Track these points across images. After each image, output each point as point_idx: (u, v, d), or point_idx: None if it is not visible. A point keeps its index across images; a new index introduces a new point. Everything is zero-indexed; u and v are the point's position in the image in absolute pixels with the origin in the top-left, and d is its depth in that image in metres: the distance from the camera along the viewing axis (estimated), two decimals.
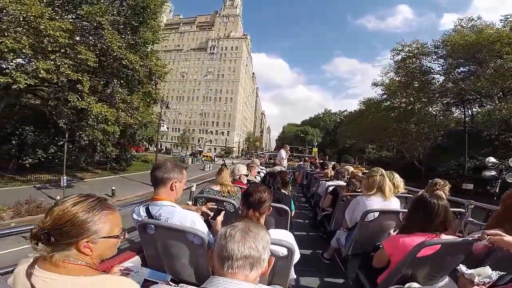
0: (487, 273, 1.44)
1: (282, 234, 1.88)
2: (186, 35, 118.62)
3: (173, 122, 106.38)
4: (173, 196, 1.94)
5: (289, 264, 1.75)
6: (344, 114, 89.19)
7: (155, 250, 1.97)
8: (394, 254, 1.94)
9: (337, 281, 3.32)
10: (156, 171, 1.90)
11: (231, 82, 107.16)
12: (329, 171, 6.84)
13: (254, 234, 0.98)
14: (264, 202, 1.91)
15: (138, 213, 1.96)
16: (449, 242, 1.82)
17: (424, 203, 1.94)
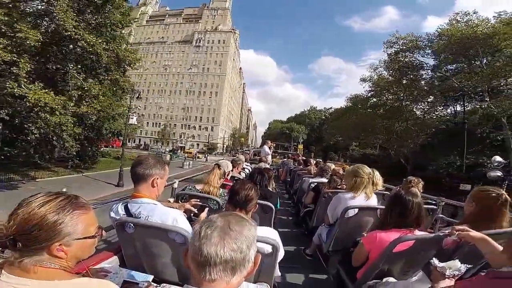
0: (457, 266, 1.54)
1: (266, 232, 1.89)
2: (172, 27, 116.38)
3: (154, 116, 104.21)
4: (154, 193, 1.89)
5: (274, 262, 1.77)
6: (330, 112, 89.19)
7: (134, 250, 1.91)
8: (372, 250, 2.03)
9: (320, 277, 3.40)
10: (137, 167, 1.83)
11: (216, 76, 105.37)
12: (312, 168, 7.05)
13: (236, 233, 0.83)
14: (251, 200, 1.92)
15: (116, 211, 1.89)
16: (422, 237, 1.93)
17: (400, 200, 2.05)
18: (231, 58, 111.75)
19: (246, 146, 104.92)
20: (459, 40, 25.61)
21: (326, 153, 72.69)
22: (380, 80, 36.82)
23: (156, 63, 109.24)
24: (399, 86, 34.15)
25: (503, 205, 2.02)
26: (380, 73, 37.36)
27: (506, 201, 2.02)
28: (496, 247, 1.60)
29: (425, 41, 31.13)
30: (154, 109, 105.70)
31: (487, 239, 1.66)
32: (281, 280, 3.12)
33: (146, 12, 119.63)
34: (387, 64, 35.28)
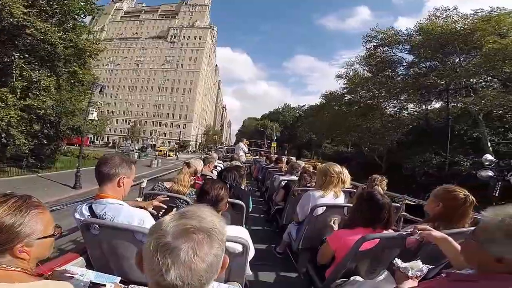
0: (419, 267, 1.55)
1: (237, 231, 1.89)
2: (147, 23, 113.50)
3: (124, 113, 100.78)
4: (120, 193, 1.85)
5: (245, 261, 1.77)
6: (303, 109, 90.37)
7: (100, 251, 1.86)
8: (338, 249, 2.05)
9: (290, 275, 3.44)
10: (102, 166, 1.78)
11: (191, 73, 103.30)
12: (283, 166, 7.09)
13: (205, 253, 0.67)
14: (221, 200, 1.91)
15: (80, 212, 1.83)
16: (386, 236, 1.97)
17: (371, 200, 2.08)
18: (206, 55, 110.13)
19: (220, 144, 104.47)
20: (438, 36, 25.48)
21: (300, 150, 73.43)
22: (355, 76, 36.72)
23: (128, 59, 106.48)
24: (375, 83, 34.00)
25: (469, 207, 2.07)
26: (356, 69, 37.32)
27: (472, 203, 2.06)
28: (456, 248, 1.62)
29: (405, 36, 30.84)
30: (124, 105, 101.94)
31: (448, 239, 1.70)
32: (253, 278, 3.12)
33: (121, 8, 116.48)
34: (365, 60, 35.10)
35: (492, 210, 1.12)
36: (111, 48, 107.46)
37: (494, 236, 1.04)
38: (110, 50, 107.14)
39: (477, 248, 1.12)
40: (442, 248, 1.72)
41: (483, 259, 1.09)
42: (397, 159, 29.42)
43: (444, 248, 1.71)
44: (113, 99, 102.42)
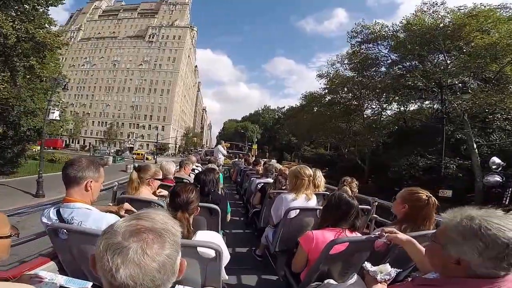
0: (387, 270, 1.58)
1: (209, 236, 1.89)
2: (125, 21, 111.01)
3: (100, 115, 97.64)
4: (88, 198, 1.82)
5: (219, 266, 1.76)
6: (283, 111, 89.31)
7: (71, 255, 1.84)
8: (311, 251, 2.08)
9: (270, 277, 3.47)
10: (68, 169, 1.75)
11: (169, 73, 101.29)
12: (260, 168, 7.13)
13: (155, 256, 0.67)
14: (192, 203, 1.91)
15: (48, 216, 1.81)
16: (355, 239, 2.03)
17: (336, 199, 2.19)
18: (186, 55, 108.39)
19: (200, 146, 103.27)
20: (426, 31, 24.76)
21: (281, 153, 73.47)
22: (336, 76, 36.13)
23: (104, 59, 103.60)
24: (356, 82, 33.52)
25: (432, 208, 2.14)
26: (337, 69, 36.68)
27: (434, 204, 2.14)
28: (421, 250, 1.67)
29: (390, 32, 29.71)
30: (100, 107, 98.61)
31: (413, 242, 1.76)
32: (234, 282, 3.22)
33: (99, 7, 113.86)
34: (349, 57, 34.34)
35: (451, 212, 1.15)
36: (88, 48, 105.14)
37: (452, 237, 1.08)
38: (86, 50, 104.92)
39: (438, 250, 1.16)
40: (408, 250, 1.78)
41: (444, 261, 1.12)
42: (381, 161, 28.94)
43: (410, 251, 1.77)
44: (89, 100, 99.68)
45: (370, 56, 32.14)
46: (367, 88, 32.75)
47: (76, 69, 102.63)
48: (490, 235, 0.99)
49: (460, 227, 1.06)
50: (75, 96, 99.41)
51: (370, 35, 30.81)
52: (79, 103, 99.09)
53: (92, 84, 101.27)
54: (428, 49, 25.81)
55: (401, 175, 23.42)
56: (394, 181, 23.56)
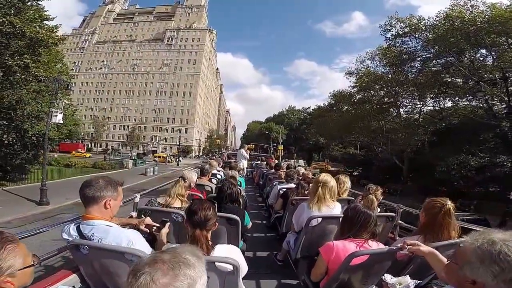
0: (407, 282, 1.66)
1: (227, 251, 1.97)
2: (141, 25, 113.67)
3: (121, 119, 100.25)
4: (108, 215, 1.90)
5: (237, 279, 1.82)
6: (308, 111, 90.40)
7: (92, 269, 1.95)
8: (331, 261, 2.15)
9: (291, 282, 3.53)
10: (86, 189, 1.83)
11: (190, 76, 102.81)
12: (282, 173, 7.26)
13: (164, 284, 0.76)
14: (209, 220, 1.97)
15: (68, 232, 1.90)
16: (376, 251, 2.08)
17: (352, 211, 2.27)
18: (206, 57, 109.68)
19: (224, 148, 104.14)
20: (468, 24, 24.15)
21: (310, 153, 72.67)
22: (368, 73, 35.79)
23: (123, 62, 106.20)
24: (391, 79, 32.97)
25: (447, 215, 2.19)
26: (367, 66, 36.63)
27: (449, 211, 2.19)
28: (443, 261, 1.74)
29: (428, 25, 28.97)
30: (121, 110, 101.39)
31: (435, 253, 1.83)
32: (253, 286, 3.32)
33: (113, 10, 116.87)
34: (383, 51, 33.76)
35: (473, 235, 1.20)
36: (104, 51, 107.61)
37: (470, 260, 1.13)
38: (103, 53, 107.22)
39: (456, 270, 1.22)
40: (430, 261, 1.85)
41: (460, 280, 1.19)
42: (423, 161, 28.00)
43: (432, 262, 1.84)
44: (109, 103, 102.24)
45: (406, 50, 31.42)
46: (402, 85, 32.25)
47: (93, 72, 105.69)
48: (509, 261, 1.04)
49: (479, 251, 1.10)
50: (94, 100, 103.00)
51: (406, 28, 30.20)
52: (98, 106, 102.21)
53: (112, 87, 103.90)
54: (470, 43, 25.02)
55: (450, 175, 22.47)
56: (440, 182, 23.14)
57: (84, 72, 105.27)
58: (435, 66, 30.45)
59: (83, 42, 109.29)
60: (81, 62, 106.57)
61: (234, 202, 3.50)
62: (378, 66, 36.17)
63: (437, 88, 29.92)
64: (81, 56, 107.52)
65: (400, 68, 32.58)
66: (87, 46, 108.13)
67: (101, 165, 37.61)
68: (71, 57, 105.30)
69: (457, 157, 23.12)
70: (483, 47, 25.39)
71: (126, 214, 3.38)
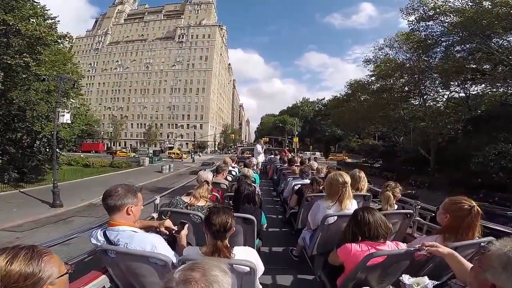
0: (425, 283, 1.64)
1: (244, 253, 2.02)
2: (152, 24, 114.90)
3: (138, 117, 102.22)
4: (131, 220, 2.03)
5: (254, 280, 1.90)
6: (323, 103, 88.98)
7: (120, 271, 2.11)
8: (347, 261, 2.19)
9: (307, 277, 3.55)
10: (107, 199, 1.95)
11: (203, 72, 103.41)
12: (296, 168, 7.18)
13: None
14: (228, 230, 1.97)
15: (96, 237, 2.04)
16: (393, 253, 2.08)
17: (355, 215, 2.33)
18: (217, 53, 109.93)
19: (239, 142, 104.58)
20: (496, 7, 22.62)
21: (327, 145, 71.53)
22: (387, 61, 34.66)
23: (136, 61, 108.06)
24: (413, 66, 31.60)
25: (475, 217, 2.12)
26: (386, 53, 35.59)
27: (478, 213, 2.12)
28: (462, 262, 1.76)
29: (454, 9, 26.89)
30: (138, 109, 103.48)
31: (454, 255, 1.83)
32: (268, 280, 3.36)
33: (123, 10, 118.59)
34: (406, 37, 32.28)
35: (505, 241, 1.19)
36: (118, 51, 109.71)
37: (493, 265, 1.13)
38: (117, 54, 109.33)
39: (479, 273, 1.23)
40: (449, 262, 1.84)
41: (481, 283, 1.20)
42: (452, 152, 26.63)
43: (451, 263, 1.83)
44: (125, 103, 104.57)
45: (431, 35, 29.78)
46: (425, 72, 30.90)
47: (109, 73, 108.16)
48: None
49: (505, 257, 1.10)
50: (111, 100, 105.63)
51: (430, 11, 28.31)
52: (116, 106, 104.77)
53: (127, 87, 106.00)
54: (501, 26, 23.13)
55: (488, 167, 20.63)
56: (474, 174, 21.64)
57: (100, 72, 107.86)
58: (459, 52, 28.77)
59: (97, 43, 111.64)
60: (96, 63, 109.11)
61: (250, 202, 3.53)
62: (398, 53, 34.99)
63: (463, 75, 28.34)
64: (96, 57, 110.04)
65: (424, 54, 31.02)
66: (100, 47, 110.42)
67: (118, 164, 38.09)
68: (87, 58, 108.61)
69: (495, 146, 21.12)
70: None
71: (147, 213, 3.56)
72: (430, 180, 28.53)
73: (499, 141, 21.28)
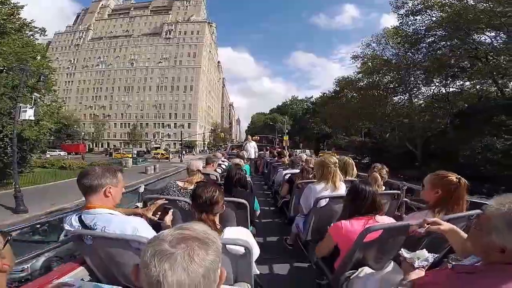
0: (425, 256, 1.64)
1: (238, 233, 1.95)
2: (138, 19, 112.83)
3: (122, 116, 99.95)
4: (109, 203, 1.87)
5: (249, 261, 1.81)
6: (311, 101, 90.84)
7: (99, 260, 1.91)
8: (340, 241, 2.20)
9: (302, 265, 3.63)
10: (83, 179, 1.81)
11: (191, 69, 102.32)
12: (286, 159, 7.70)
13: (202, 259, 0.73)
14: (216, 203, 1.94)
15: (70, 223, 1.87)
16: (390, 226, 2.08)
17: (354, 189, 2.35)
18: (206, 50, 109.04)
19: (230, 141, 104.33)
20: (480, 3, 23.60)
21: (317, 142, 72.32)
22: (374, 57, 35.80)
23: (120, 58, 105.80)
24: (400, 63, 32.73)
25: (463, 190, 2.22)
26: (373, 49, 36.62)
27: (465, 186, 2.21)
28: (462, 237, 1.73)
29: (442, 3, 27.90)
30: (121, 108, 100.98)
31: (456, 230, 1.81)
32: (265, 270, 3.38)
33: (107, 5, 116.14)
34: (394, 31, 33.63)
35: (498, 199, 1.16)
36: (100, 47, 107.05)
37: (498, 226, 1.09)
38: (99, 50, 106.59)
39: (481, 237, 1.17)
40: (450, 239, 1.83)
41: (487, 249, 1.14)
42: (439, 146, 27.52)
43: (452, 239, 1.82)
44: (108, 101, 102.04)
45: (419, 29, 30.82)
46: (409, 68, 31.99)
47: (90, 69, 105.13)
48: None
49: (508, 216, 1.07)
50: (92, 98, 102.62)
51: (419, 5, 29.49)
52: (97, 105, 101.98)
53: (110, 84, 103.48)
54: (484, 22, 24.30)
55: (475, 160, 21.39)
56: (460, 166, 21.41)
57: (81, 69, 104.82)
58: (441, 49, 30.00)
59: (77, 39, 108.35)
60: (76, 60, 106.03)
61: (243, 187, 3.56)
62: (385, 50, 36.11)
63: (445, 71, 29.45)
64: (77, 53, 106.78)
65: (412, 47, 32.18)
66: (81, 43, 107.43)
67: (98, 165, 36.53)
68: (66, 55, 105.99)
69: (480, 140, 22.20)
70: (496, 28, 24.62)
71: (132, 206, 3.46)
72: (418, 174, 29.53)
73: (484, 135, 22.24)
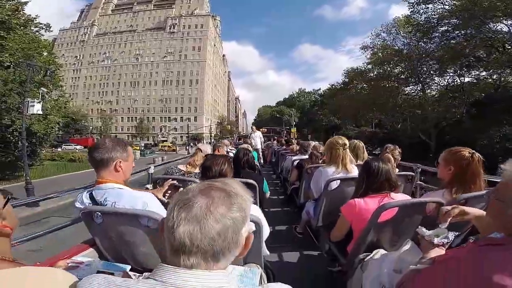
0: (445, 234, 1.56)
1: None
2: (141, 14, 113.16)
3: (128, 110, 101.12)
4: (120, 178, 1.81)
5: (260, 239, 1.75)
6: (319, 93, 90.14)
7: (108, 240, 1.83)
8: (355, 220, 2.11)
9: (313, 253, 3.56)
10: (94, 153, 1.74)
11: (196, 63, 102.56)
12: (294, 147, 7.77)
13: (219, 216, 0.66)
14: (226, 175, 1.93)
15: (81, 201, 1.80)
16: (405, 203, 1.96)
17: (367, 166, 2.24)
18: (211, 43, 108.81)
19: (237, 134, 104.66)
20: None
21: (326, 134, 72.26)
22: (384, 47, 35.22)
23: (125, 53, 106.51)
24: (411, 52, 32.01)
25: (478, 164, 2.10)
26: (384, 39, 36.01)
27: (480, 160, 2.10)
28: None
29: None
30: (128, 102, 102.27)
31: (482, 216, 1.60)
32: (274, 258, 3.32)
33: (110, 1, 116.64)
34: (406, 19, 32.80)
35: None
36: (105, 43, 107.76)
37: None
38: (104, 45, 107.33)
39: (501, 207, 1.04)
40: (477, 225, 1.65)
41: (509, 220, 1.00)
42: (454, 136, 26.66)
43: (480, 225, 1.63)
44: (114, 96, 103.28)
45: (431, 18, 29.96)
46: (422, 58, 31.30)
47: (96, 65, 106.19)
48: None
49: None
50: (99, 93, 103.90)
51: None
52: (104, 100, 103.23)
53: (116, 80, 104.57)
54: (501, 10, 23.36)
55: (493, 150, 20.56)
56: None
57: (87, 65, 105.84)
58: (454, 38, 29.16)
59: (82, 35, 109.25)
60: (82, 56, 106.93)
61: (251, 168, 3.53)
62: (396, 40, 35.36)
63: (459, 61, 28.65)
64: (82, 49, 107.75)
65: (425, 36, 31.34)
66: (86, 39, 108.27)
67: None
68: (72, 51, 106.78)
69: (499, 129, 21.54)
70: None
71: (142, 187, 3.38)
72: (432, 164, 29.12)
73: (502, 124, 21.64)
